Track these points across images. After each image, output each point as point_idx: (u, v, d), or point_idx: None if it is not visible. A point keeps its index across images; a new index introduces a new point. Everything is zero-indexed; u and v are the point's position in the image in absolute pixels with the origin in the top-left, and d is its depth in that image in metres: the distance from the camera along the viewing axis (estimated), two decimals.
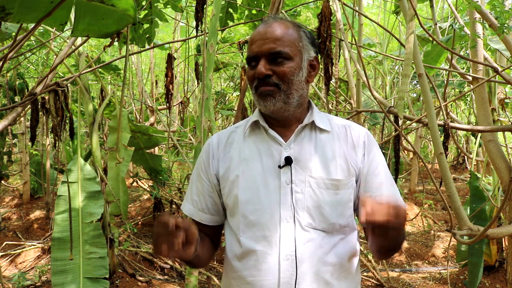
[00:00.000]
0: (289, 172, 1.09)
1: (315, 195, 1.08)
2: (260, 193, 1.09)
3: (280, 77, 1.08)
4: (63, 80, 2.35)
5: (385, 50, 5.22)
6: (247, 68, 1.15)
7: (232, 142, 1.19)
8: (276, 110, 1.10)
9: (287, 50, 1.09)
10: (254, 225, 1.09)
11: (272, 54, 1.08)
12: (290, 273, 1.04)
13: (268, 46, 1.08)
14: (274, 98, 1.08)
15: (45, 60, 4.54)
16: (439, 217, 6.03)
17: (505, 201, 1.47)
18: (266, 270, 1.06)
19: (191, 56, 5.04)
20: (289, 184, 1.08)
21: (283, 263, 1.04)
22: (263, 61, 1.08)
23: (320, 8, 2.36)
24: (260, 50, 1.09)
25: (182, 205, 1.26)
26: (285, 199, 1.07)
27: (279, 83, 1.08)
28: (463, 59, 3.88)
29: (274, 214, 1.07)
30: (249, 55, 1.12)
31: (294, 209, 1.07)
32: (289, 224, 1.06)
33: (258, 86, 1.10)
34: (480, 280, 3.43)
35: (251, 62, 1.12)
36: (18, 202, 6.11)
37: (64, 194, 2.70)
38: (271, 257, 1.06)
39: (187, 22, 4.35)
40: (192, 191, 1.23)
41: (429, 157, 11.02)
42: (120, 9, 1.47)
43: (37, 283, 3.58)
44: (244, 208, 1.10)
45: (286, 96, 1.09)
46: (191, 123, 6.23)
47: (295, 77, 1.10)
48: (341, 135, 1.16)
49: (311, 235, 1.06)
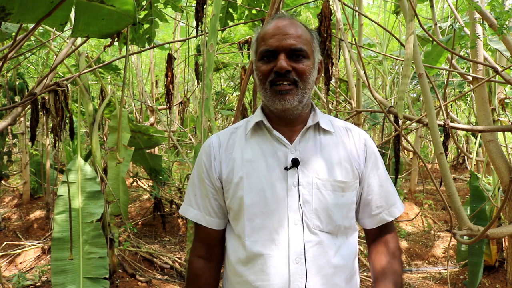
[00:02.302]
0: (296, 174, 1.07)
1: (323, 197, 1.07)
2: (267, 195, 1.06)
3: (299, 74, 1.06)
4: (63, 80, 2.34)
5: (385, 50, 5.22)
6: (258, 63, 1.09)
7: (234, 143, 1.15)
8: (290, 108, 1.07)
9: (306, 48, 1.07)
10: (261, 228, 1.06)
11: (293, 51, 1.05)
12: (300, 276, 1.03)
13: (289, 42, 1.05)
14: (292, 97, 1.05)
15: (45, 60, 4.54)
16: (439, 217, 6.02)
17: (505, 201, 1.47)
18: (274, 274, 1.04)
19: (191, 56, 5.04)
20: (296, 186, 1.06)
21: (293, 266, 1.03)
22: (283, 56, 1.04)
23: (320, 8, 2.36)
24: (281, 45, 1.05)
25: (184, 209, 1.20)
26: (293, 201, 1.06)
27: (298, 80, 1.06)
28: (463, 59, 3.88)
29: (282, 217, 1.05)
30: (265, 49, 1.07)
31: (302, 211, 1.05)
32: (297, 226, 1.05)
33: (275, 81, 1.05)
34: (480, 280, 3.42)
35: (265, 57, 1.07)
36: (18, 202, 6.11)
37: (64, 194, 2.70)
38: (279, 260, 1.04)
39: (187, 22, 4.34)
40: (196, 195, 1.18)
41: (429, 157, 11.02)
42: (120, 9, 1.47)
43: (37, 283, 3.58)
44: (250, 211, 1.07)
45: (302, 95, 1.07)
46: (191, 123, 6.23)
47: (311, 77, 1.09)
48: (343, 137, 1.16)
49: (319, 237, 1.05)
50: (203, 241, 1.20)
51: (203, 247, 1.20)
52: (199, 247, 1.21)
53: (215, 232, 1.18)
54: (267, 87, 1.07)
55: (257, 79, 1.10)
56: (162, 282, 3.72)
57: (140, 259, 4.11)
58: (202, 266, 1.19)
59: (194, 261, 1.20)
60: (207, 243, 1.20)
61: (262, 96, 1.11)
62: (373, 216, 1.16)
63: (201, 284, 1.19)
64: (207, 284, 1.19)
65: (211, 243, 1.20)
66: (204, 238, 1.20)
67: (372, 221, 1.17)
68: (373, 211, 1.16)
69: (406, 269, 4.32)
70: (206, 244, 1.20)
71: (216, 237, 1.19)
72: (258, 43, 1.12)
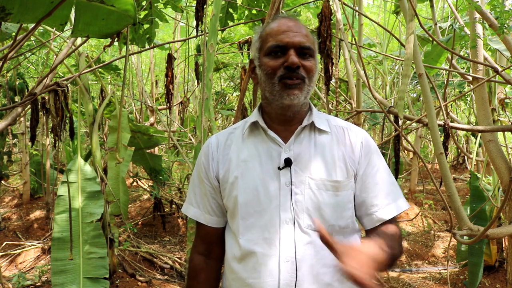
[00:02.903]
0: (288, 173, 1.08)
1: (315, 197, 1.07)
2: (260, 195, 1.08)
3: (307, 71, 1.08)
4: (63, 80, 2.34)
5: (385, 50, 5.22)
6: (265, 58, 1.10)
7: (231, 144, 1.17)
8: (295, 104, 1.08)
9: (313, 48, 1.09)
10: (253, 227, 1.08)
11: (302, 48, 1.07)
12: (290, 275, 1.03)
13: (299, 40, 1.07)
14: (300, 92, 1.07)
15: (45, 60, 4.54)
16: (439, 217, 6.02)
17: (505, 201, 1.47)
18: (266, 272, 1.05)
19: (191, 56, 5.04)
20: (288, 186, 1.07)
21: (283, 265, 1.04)
22: (293, 52, 1.06)
23: (320, 8, 2.36)
24: (292, 41, 1.06)
25: (185, 208, 1.24)
26: (285, 201, 1.07)
27: (305, 76, 1.07)
28: (463, 59, 3.88)
29: (274, 216, 1.06)
30: (275, 44, 1.07)
31: (294, 211, 1.06)
32: (289, 226, 1.05)
33: (285, 76, 1.06)
34: (480, 280, 3.43)
35: (273, 52, 1.08)
36: (18, 202, 6.12)
37: (64, 194, 2.70)
38: (271, 259, 1.05)
39: (187, 22, 4.35)
40: (195, 194, 1.22)
41: (429, 157, 11.02)
42: (120, 9, 1.47)
43: (37, 283, 3.58)
44: (243, 210, 1.09)
45: (307, 92, 1.09)
46: (191, 123, 6.24)
47: (315, 75, 1.11)
48: (339, 136, 1.15)
49: (311, 237, 1.05)
50: (203, 238, 1.24)
51: (203, 245, 1.24)
52: (199, 244, 1.25)
53: (214, 230, 1.21)
54: (275, 81, 1.07)
55: (263, 74, 1.10)
56: (162, 282, 3.72)
57: (140, 259, 4.11)
58: (202, 262, 1.23)
59: (195, 257, 1.24)
60: (206, 240, 1.23)
61: (266, 92, 1.10)
62: (369, 215, 1.14)
63: (201, 280, 1.22)
64: (207, 280, 1.22)
65: (210, 241, 1.23)
66: (204, 236, 1.23)
67: (370, 221, 1.14)
68: (369, 210, 1.13)
69: (406, 269, 4.32)
70: (206, 242, 1.23)
71: (215, 235, 1.21)
72: (263, 39, 1.12)
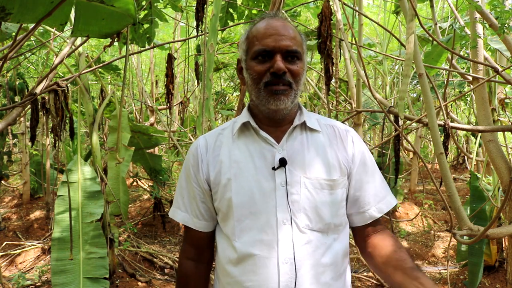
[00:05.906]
0: (283, 173, 1.07)
1: (311, 196, 1.06)
2: (255, 196, 1.06)
3: (293, 75, 1.06)
4: (63, 80, 2.34)
5: (385, 50, 5.21)
6: (252, 62, 1.08)
7: (221, 145, 1.14)
8: (282, 109, 1.07)
9: (300, 50, 1.07)
10: (250, 229, 1.06)
11: (289, 52, 1.05)
12: (289, 276, 1.02)
13: (286, 43, 1.04)
14: (286, 97, 1.06)
15: (45, 60, 4.54)
16: (439, 217, 6.02)
17: (505, 201, 1.47)
18: (265, 275, 1.03)
19: (191, 56, 5.04)
20: (284, 186, 1.06)
21: (282, 266, 1.02)
22: (279, 57, 1.04)
23: (320, 8, 2.36)
24: (278, 46, 1.04)
25: (172, 212, 1.21)
26: (281, 201, 1.05)
27: (292, 82, 1.06)
28: (464, 59, 3.88)
29: (270, 217, 1.05)
30: (261, 48, 1.05)
31: (290, 211, 1.05)
32: (286, 226, 1.04)
33: (271, 82, 1.05)
34: (480, 280, 3.42)
35: (260, 56, 1.06)
36: (18, 202, 6.12)
37: (64, 194, 2.70)
38: (270, 261, 1.03)
39: (187, 22, 4.35)
40: (183, 197, 1.18)
41: (429, 157, 11.03)
42: (120, 9, 1.46)
43: (37, 283, 3.58)
44: (239, 212, 1.07)
45: (294, 96, 1.08)
46: (191, 123, 6.24)
47: (302, 78, 1.09)
48: (330, 134, 1.15)
49: (308, 236, 1.05)
50: (192, 243, 1.21)
51: (192, 249, 1.22)
52: (188, 249, 1.22)
53: (204, 234, 1.19)
54: (261, 87, 1.06)
55: (250, 79, 1.09)
56: (162, 282, 3.72)
57: (140, 259, 4.11)
58: (192, 267, 1.20)
59: (184, 263, 1.22)
60: (196, 245, 1.21)
61: (253, 95, 1.10)
62: (361, 213, 1.15)
63: (191, 286, 1.20)
64: (197, 286, 1.20)
65: (200, 245, 1.21)
66: (193, 240, 1.21)
67: (361, 218, 1.15)
68: (361, 208, 1.14)
69: None
70: (195, 246, 1.21)
71: (204, 239, 1.19)
72: (250, 41, 1.10)
